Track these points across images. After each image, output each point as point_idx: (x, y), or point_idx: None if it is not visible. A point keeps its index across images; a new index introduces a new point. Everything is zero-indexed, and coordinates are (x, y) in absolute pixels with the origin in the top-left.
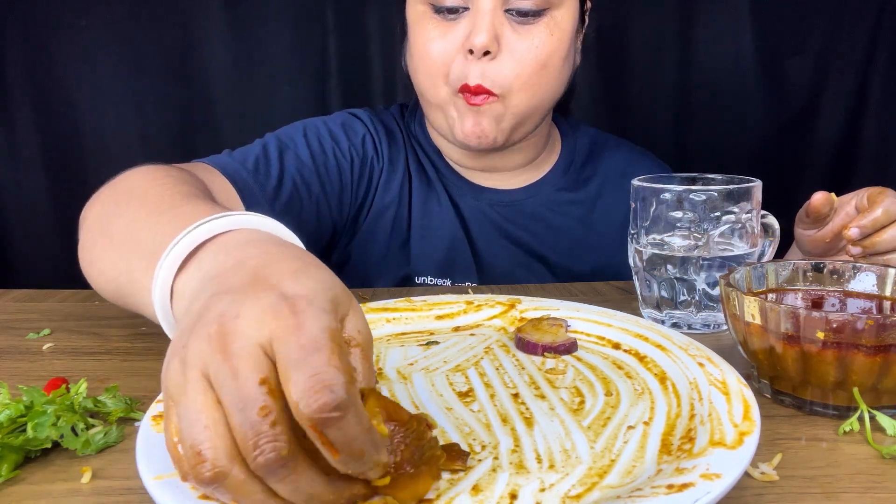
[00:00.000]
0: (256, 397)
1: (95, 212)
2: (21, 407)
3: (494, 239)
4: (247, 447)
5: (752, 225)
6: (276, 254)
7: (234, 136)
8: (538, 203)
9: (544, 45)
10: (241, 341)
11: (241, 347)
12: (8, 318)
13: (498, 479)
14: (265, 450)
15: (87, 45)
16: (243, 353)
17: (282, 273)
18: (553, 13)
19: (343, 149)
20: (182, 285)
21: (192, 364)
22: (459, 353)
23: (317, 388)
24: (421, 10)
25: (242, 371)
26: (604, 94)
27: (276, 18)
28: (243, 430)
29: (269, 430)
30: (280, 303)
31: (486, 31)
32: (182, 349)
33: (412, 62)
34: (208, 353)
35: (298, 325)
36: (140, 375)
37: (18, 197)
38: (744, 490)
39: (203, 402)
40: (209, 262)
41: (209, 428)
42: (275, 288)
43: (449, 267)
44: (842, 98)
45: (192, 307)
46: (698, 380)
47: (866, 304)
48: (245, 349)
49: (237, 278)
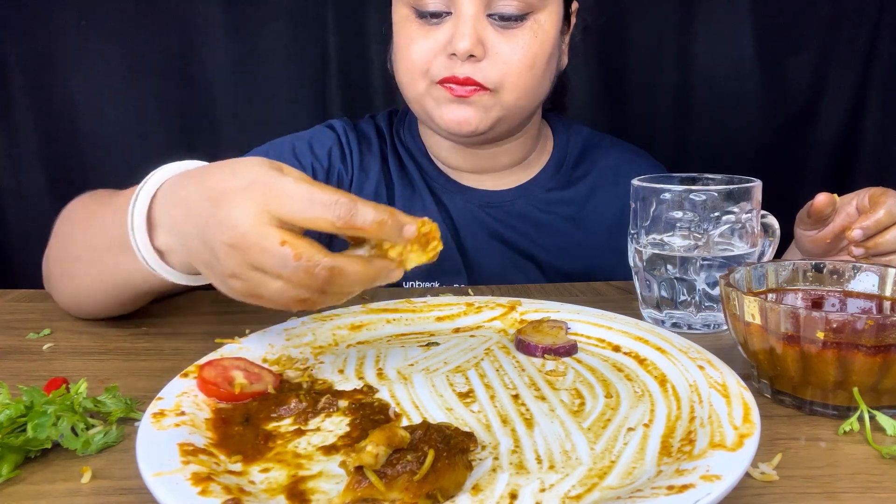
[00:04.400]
0: (286, 253)
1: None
2: (21, 407)
3: (484, 240)
4: (306, 279)
5: (752, 225)
6: (205, 175)
7: (234, 137)
8: (528, 203)
9: (529, 48)
10: (249, 235)
11: (252, 237)
12: (8, 318)
13: (498, 479)
14: (318, 267)
15: (87, 45)
16: (257, 240)
17: (224, 180)
18: (536, 16)
19: (304, 164)
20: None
21: (238, 271)
22: (460, 354)
23: (333, 208)
24: (404, 14)
25: (263, 246)
26: (603, 93)
27: (276, 18)
28: (297, 275)
29: (307, 260)
30: (249, 197)
31: (469, 36)
32: (225, 275)
33: (395, 62)
34: (240, 260)
35: (278, 192)
36: (140, 375)
37: (18, 197)
38: (744, 490)
39: (269, 278)
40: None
41: (282, 287)
42: (233, 192)
43: (437, 270)
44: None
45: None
46: (698, 382)
47: (866, 304)
48: (255, 237)
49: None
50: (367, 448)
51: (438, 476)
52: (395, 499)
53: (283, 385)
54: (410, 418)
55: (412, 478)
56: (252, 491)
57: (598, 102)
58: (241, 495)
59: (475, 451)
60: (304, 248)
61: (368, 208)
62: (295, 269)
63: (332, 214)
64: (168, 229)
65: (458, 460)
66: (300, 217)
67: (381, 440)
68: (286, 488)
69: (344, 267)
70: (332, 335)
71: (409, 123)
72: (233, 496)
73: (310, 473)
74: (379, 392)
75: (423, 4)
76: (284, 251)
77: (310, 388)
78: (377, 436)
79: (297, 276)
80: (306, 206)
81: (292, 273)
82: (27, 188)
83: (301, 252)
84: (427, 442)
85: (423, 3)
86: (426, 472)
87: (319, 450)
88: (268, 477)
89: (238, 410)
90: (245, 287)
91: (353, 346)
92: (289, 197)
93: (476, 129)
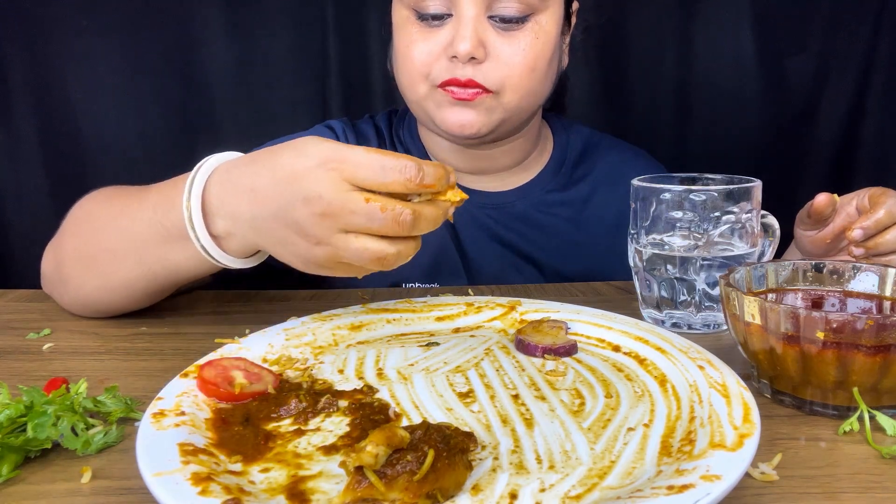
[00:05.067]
0: (373, 208)
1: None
2: (21, 407)
3: (484, 241)
4: (395, 227)
5: (752, 225)
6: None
7: (234, 137)
8: (528, 205)
9: (531, 49)
10: (336, 202)
11: (339, 203)
12: (8, 318)
13: (498, 479)
14: (403, 214)
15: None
16: (344, 204)
17: (294, 161)
18: (537, 18)
19: None
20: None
21: (326, 237)
22: (460, 354)
23: (404, 171)
24: (405, 15)
25: (351, 208)
26: (604, 93)
27: (276, 19)
28: (387, 224)
29: (392, 210)
30: (327, 171)
31: (470, 39)
32: (311, 244)
33: (395, 64)
34: (330, 226)
35: (352, 162)
36: (140, 375)
37: (18, 197)
38: (744, 490)
39: (360, 237)
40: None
41: (364, 244)
42: (309, 169)
43: (436, 271)
44: (842, 98)
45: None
46: (698, 382)
47: (866, 304)
48: (342, 202)
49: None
50: (367, 448)
51: (438, 476)
52: (395, 499)
53: (283, 385)
54: (410, 418)
55: (412, 478)
56: (252, 491)
57: (598, 102)
58: (241, 495)
59: (475, 451)
60: (387, 201)
61: (429, 167)
62: (383, 220)
63: (403, 177)
64: (226, 216)
65: (458, 460)
66: (376, 182)
67: (381, 440)
68: (286, 488)
69: (422, 210)
70: (332, 335)
71: (409, 124)
72: (233, 496)
73: (310, 473)
74: (379, 392)
75: (423, 6)
76: (371, 207)
77: (310, 388)
78: (377, 436)
79: (386, 226)
80: (379, 172)
81: (381, 224)
82: (27, 188)
83: (385, 205)
84: (427, 442)
85: (423, 5)
86: (426, 472)
87: (319, 450)
88: (268, 477)
89: (238, 410)
90: (328, 253)
91: (353, 346)
92: (362, 166)
93: (479, 131)
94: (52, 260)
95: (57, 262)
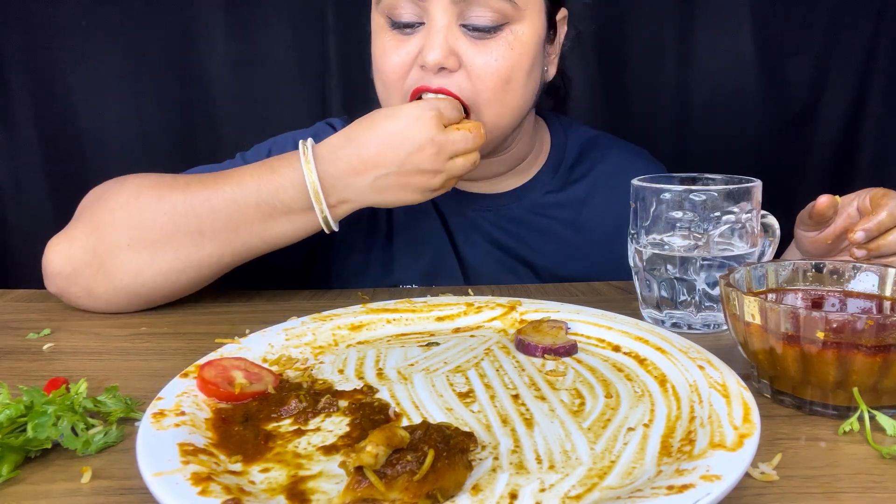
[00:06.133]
0: (465, 133)
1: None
2: (21, 407)
3: (480, 245)
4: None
5: (752, 225)
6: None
7: (235, 136)
8: (524, 207)
9: (505, 60)
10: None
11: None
12: (8, 318)
13: (498, 479)
14: (479, 128)
15: (88, 45)
16: (446, 139)
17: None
18: (512, 27)
19: None
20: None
21: (441, 166)
22: (460, 354)
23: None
24: (380, 23)
25: (454, 140)
26: (604, 94)
27: (276, 18)
28: (477, 140)
29: (472, 128)
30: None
31: (440, 48)
32: (429, 175)
33: (373, 71)
34: (442, 157)
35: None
36: (140, 375)
37: (18, 197)
38: (744, 490)
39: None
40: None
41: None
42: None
43: (434, 274)
44: (842, 98)
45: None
46: (698, 382)
47: (866, 304)
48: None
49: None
50: (367, 448)
51: (438, 476)
52: (395, 499)
53: (283, 385)
54: (410, 418)
55: (412, 478)
56: (252, 491)
57: (598, 102)
58: (241, 495)
59: (475, 451)
60: (466, 124)
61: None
62: (474, 138)
63: (458, 110)
64: (342, 189)
65: (458, 460)
66: (453, 117)
67: (380, 440)
68: (286, 488)
69: (480, 125)
70: (332, 335)
71: None
72: (233, 496)
73: (310, 473)
74: (379, 392)
75: (396, 14)
76: (463, 133)
77: (310, 388)
78: (377, 436)
79: (476, 141)
80: (451, 110)
81: (473, 141)
82: (27, 188)
83: (468, 127)
84: (427, 442)
85: (396, 14)
86: (426, 472)
87: (319, 450)
88: (268, 477)
89: (238, 410)
90: (443, 178)
91: (353, 346)
92: (442, 109)
93: None
94: (73, 256)
95: (93, 255)
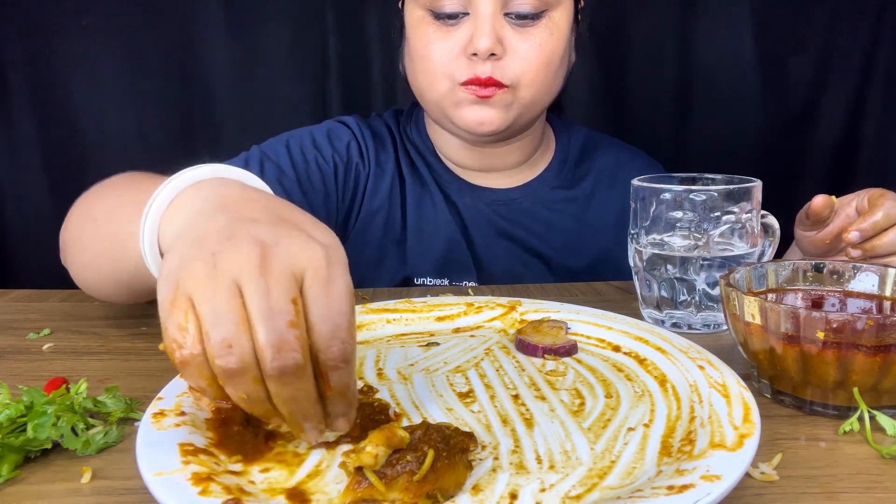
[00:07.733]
0: (288, 311)
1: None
2: (21, 407)
3: (492, 237)
4: (268, 352)
5: (752, 225)
6: (275, 199)
7: (235, 136)
8: (534, 201)
9: (546, 45)
10: (280, 266)
11: (279, 270)
12: (8, 318)
13: (498, 479)
14: (287, 356)
15: (87, 45)
16: (280, 276)
17: (304, 220)
18: (551, 14)
19: (326, 156)
20: (173, 213)
21: (225, 271)
22: (460, 354)
23: (337, 342)
24: (419, 15)
25: (277, 289)
26: (604, 92)
27: (276, 18)
28: (269, 337)
29: (294, 340)
30: (313, 244)
31: (489, 35)
32: (211, 256)
33: (411, 64)
34: (247, 267)
35: (329, 278)
36: (140, 375)
37: (18, 197)
38: (744, 490)
39: (235, 305)
40: (205, 195)
41: (239, 326)
42: (303, 231)
43: (447, 266)
44: (842, 98)
45: (203, 224)
46: (698, 382)
47: (866, 304)
48: (282, 273)
49: (259, 213)
50: (367, 448)
51: (438, 476)
52: (395, 499)
53: None
54: (410, 418)
55: (412, 478)
56: (252, 491)
57: (597, 102)
58: (241, 495)
59: (475, 451)
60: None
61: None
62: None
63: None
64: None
65: (458, 460)
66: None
67: (380, 440)
68: (286, 488)
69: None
70: None
71: (416, 122)
72: (233, 496)
73: (310, 473)
74: (379, 392)
75: (439, 6)
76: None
77: None
78: (377, 436)
79: (264, 338)
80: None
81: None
82: (27, 188)
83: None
84: (427, 442)
85: (439, 5)
86: (426, 472)
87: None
88: (268, 477)
89: (238, 410)
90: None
91: None
92: None
93: (497, 128)
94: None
95: (62, 250)
